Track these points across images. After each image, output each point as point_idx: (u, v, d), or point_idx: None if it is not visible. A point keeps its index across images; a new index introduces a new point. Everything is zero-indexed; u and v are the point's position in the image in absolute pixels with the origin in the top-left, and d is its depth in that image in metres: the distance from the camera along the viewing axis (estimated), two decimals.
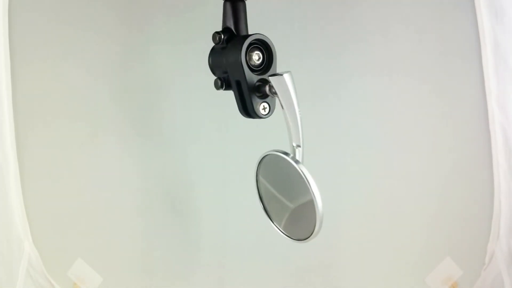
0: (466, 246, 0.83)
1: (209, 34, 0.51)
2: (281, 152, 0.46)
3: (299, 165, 0.43)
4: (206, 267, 0.90)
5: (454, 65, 0.76)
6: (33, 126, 0.82)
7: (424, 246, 0.85)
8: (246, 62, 0.46)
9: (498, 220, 0.79)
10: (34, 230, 0.84)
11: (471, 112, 0.77)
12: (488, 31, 0.71)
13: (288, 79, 0.43)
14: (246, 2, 0.51)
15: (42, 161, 0.84)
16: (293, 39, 0.79)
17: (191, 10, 0.78)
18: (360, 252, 0.87)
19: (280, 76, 0.43)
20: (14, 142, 0.80)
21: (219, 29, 0.50)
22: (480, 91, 0.75)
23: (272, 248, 0.88)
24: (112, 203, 0.87)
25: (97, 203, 0.87)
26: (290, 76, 0.43)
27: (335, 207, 0.81)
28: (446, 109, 0.79)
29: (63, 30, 0.79)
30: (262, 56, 0.48)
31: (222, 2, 0.50)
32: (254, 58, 0.47)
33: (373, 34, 0.77)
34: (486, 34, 0.72)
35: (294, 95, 0.44)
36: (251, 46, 0.47)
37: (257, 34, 0.47)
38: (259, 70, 0.48)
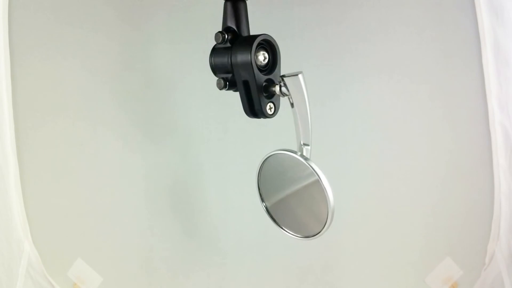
0: (466, 246, 0.83)
1: (209, 34, 0.51)
2: (288, 150, 0.47)
3: (309, 161, 0.45)
4: (207, 267, 0.90)
5: (454, 65, 0.76)
6: (33, 126, 0.82)
7: (424, 246, 0.85)
8: (255, 62, 0.47)
9: (498, 220, 0.79)
10: (34, 230, 0.84)
11: (471, 112, 0.77)
12: (488, 31, 0.71)
13: (302, 80, 0.45)
14: (247, 2, 0.51)
15: (42, 161, 0.84)
16: (293, 40, 0.79)
17: (192, 9, 0.78)
18: (360, 252, 0.87)
19: (295, 76, 0.45)
20: (14, 142, 0.80)
21: (219, 28, 0.50)
22: (480, 91, 0.75)
23: (272, 248, 0.88)
24: (112, 203, 0.87)
25: (97, 203, 0.87)
26: (303, 76, 0.45)
27: (335, 207, 0.81)
28: (446, 109, 0.79)
29: (63, 29, 0.79)
30: (268, 56, 0.48)
31: (221, 1, 0.50)
32: (260, 58, 0.47)
33: (373, 34, 0.77)
34: (486, 34, 0.71)
35: (306, 95, 0.46)
36: (258, 46, 0.47)
37: (264, 34, 0.48)
38: (265, 70, 0.48)
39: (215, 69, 0.50)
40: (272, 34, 0.49)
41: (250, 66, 0.46)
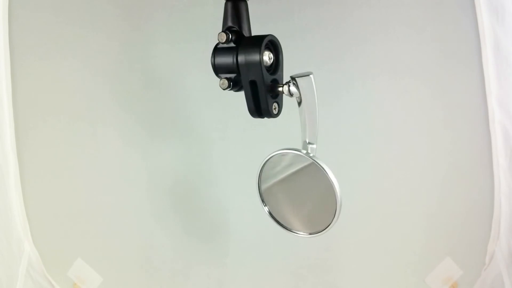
0: (466, 246, 0.83)
1: (209, 34, 0.51)
2: (292, 149, 0.48)
3: (315, 157, 0.47)
4: (207, 267, 0.90)
5: (454, 65, 0.76)
6: (33, 126, 0.82)
7: (424, 246, 0.84)
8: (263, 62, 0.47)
9: (498, 220, 0.79)
10: (34, 230, 0.85)
11: (471, 111, 0.77)
12: (488, 31, 0.71)
13: (313, 80, 0.46)
14: (248, 2, 0.51)
15: (42, 161, 0.84)
16: (293, 40, 0.79)
17: (192, 9, 0.78)
18: (360, 252, 0.87)
19: (308, 76, 0.46)
20: (14, 142, 0.80)
21: (219, 28, 0.50)
22: (480, 91, 0.75)
23: (272, 248, 0.88)
24: (112, 203, 0.87)
25: (97, 203, 0.87)
26: (313, 77, 0.46)
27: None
28: (446, 109, 0.79)
29: (63, 29, 0.79)
30: (272, 56, 0.49)
31: (222, 1, 0.50)
32: (265, 58, 0.48)
33: (373, 34, 0.77)
34: (486, 34, 0.71)
35: (316, 95, 0.47)
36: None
37: (270, 35, 0.48)
38: (269, 70, 0.49)
39: (218, 69, 0.50)
40: (272, 34, 0.49)
41: (259, 66, 0.46)
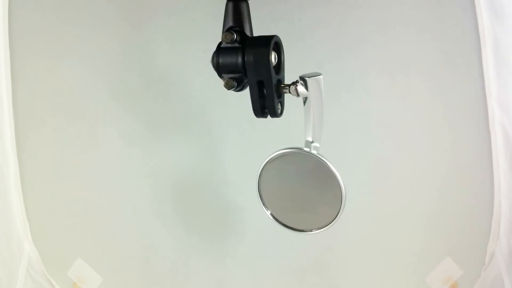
0: (466, 246, 0.83)
1: (209, 34, 0.51)
2: (293, 148, 0.50)
3: (319, 154, 0.49)
4: (207, 267, 0.90)
5: (454, 65, 0.76)
6: (33, 126, 0.82)
7: (424, 246, 0.84)
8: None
9: (498, 220, 0.79)
10: (34, 230, 0.85)
11: (471, 112, 0.77)
12: (488, 31, 0.71)
13: (322, 81, 0.48)
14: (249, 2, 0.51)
15: (42, 161, 0.84)
16: (293, 40, 0.79)
17: (192, 9, 0.78)
18: (360, 252, 0.87)
19: (318, 77, 0.47)
20: (14, 142, 0.80)
21: (220, 28, 0.50)
22: (480, 91, 0.75)
23: (272, 248, 0.88)
24: (112, 203, 0.87)
25: (97, 203, 0.87)
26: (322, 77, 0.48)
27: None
28: (446, 109, 0.79)
29: (63, 29, 0.79)
30: (276, 57, 0.49)
31: (222, 1, 0.50)
32: (271, 58, 0.48)
33: (373, 34, 0.77)
34: (486, 33, 0.71)
35: (324, 95, 0.48)
36: None
37: (275, 36, 0.49)
38: (274, 70, 0.49)
39: (222, 69, 0.50)
40: (272, 34, 0.49)
41: (268, 66, 0.47)
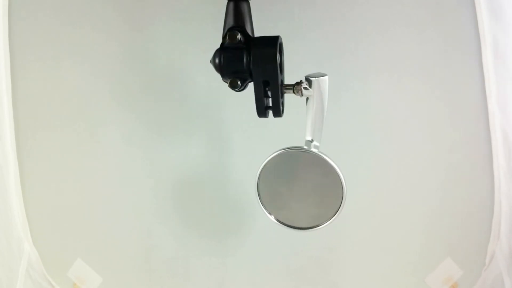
0: (466, 246, 0.83)
1: (209, 34, 0.51)
2: (292, 148, 0.51)
3: (319, 152, 0.50)
4: (207, 268, 0.90)
5: (454, 65, 0.76)
6: (33, 127, 0.82)
7: (424, 246, 0.84)
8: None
9: (498, 220, 0.79)
10: (34, 230, 0.84)
11: (471, 112, 0.77)
12: (488, 31, 0.71)
13: (327, 81, 0.49)
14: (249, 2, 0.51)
15: (42, 161, 0.84)
16: (293, 40, 0.79)
17: (192, 9, 0.78)
18: (360, 252, 0.87)
19: (324, 77, 0.48)
20: (14, 142, 0.80)
21: (220, 29, 0.50)
22: (480, 91, 0.75)
23: (272, 248, 0.88)
24: (112, 203, 0.87)
25: (97, 203, 0.87)
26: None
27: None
28: (446, 109, 0.79)
29: (64, 30, 0.79)
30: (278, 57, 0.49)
31: (222, 1, 0.50)
32: (277, 58, 0.48)
33: (373, 34, 0.77)
34: (486, 34, 0.71)
35: (327, 95, 0.49)
36: None
37: (279, 36, 0.49)
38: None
39: (225, 68, 0.49)
40: (270, 34, 0.50)
41: (275, 66, 0.47)
